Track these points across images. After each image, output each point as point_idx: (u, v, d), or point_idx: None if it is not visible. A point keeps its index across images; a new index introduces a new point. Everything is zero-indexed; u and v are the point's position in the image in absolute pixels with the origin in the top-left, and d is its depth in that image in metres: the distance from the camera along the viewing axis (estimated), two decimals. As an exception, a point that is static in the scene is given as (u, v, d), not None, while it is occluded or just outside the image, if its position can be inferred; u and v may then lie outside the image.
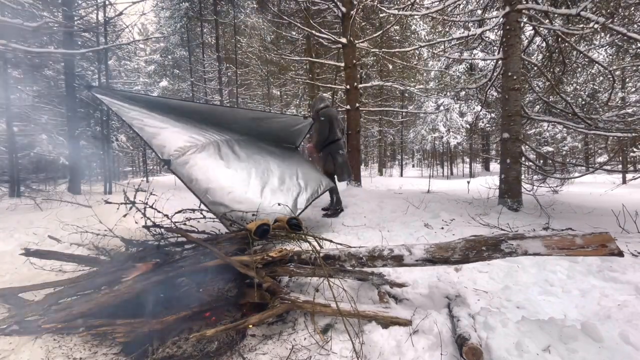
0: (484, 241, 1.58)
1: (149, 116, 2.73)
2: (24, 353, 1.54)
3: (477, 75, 9.31)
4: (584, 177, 8.01)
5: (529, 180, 5.08)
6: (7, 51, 4.19)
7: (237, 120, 3.48)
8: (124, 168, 24.19)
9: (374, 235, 3.15)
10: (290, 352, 1.55)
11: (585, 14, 3.63)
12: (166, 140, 2.72)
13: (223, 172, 3.00)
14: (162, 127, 2.77)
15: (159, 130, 2.72)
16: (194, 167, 2.80)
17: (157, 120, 2.78)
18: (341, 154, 4.21)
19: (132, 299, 1.77)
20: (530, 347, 1.32)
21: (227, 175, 3.00)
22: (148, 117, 2.72)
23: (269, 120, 3.84)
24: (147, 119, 2.70)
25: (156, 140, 2.67)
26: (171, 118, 2.92)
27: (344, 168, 4.19)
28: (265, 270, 1.92)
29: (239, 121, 3.48)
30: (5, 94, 6.70)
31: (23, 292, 1.86)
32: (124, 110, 2.59)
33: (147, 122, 2.68)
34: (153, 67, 19.33)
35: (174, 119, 2.93)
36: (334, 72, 11.00)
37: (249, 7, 14.46)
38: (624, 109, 6.96)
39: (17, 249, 2.53)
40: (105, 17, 8.65)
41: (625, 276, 2.06)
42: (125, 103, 2.63)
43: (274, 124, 3.83)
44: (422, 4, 6.85)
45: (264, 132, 3.79)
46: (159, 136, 2.70)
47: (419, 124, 19.21)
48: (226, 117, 3.35)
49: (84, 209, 4.16)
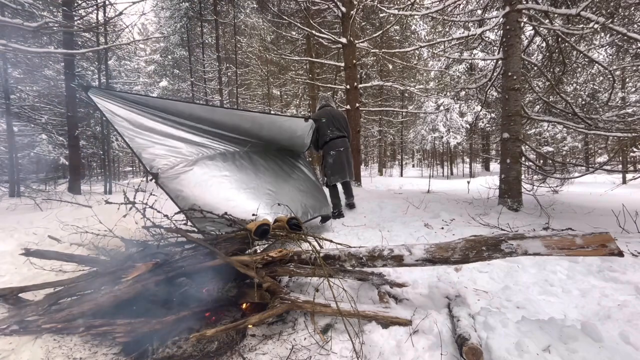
0: (484, 241, 1.58)
1: (141, 126, 2.66)
2: (24, 353, 1.53)
3: (477, 75, 9.31)
4: (584, 177, 8.01)
5: (529, 180, 5.08)
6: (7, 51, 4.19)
7: (238, 125, 3.26)
8: (124, 168, 24.21)
9: (374, 235, 3.15)
10: (290, 352, 1.55)
11: (585, 14, 3.63)
12: (156, 153, 2.68)
13: (212, 190, 2.93)
14: (154, 139, 2.71)
15: (149, 143, 2.67)
16: (182, 182, 2.78)
17: (150, 130, 2.70)
18: (332, 154, 4.05)
19: (132, 299, 1.77)
20: (530, 347, 1.32)
21: (215, 193, 2.93)
22: (140, 127, 2.65)
23: (271, 125, 3.51)
24: (139, 128, 2.64)
25: (145, 152, 2.63)
26: (165, 126, 2.81)
27: (333, 169, 4.06)
28: (265, 270, 1.92)
29: (240, 127, 3.27)
30: (5, 94, 6.70)
31: (23, 292, 1.86)
32: (117, 119, 2.51)
33: (138, 132, 2.63)
34: (153, 67, 19.34)
35: (168, 128, 2.83)
36: (334, 72, 11.01)
37: (249, 7, 14.47)
38: (624, 109, 6.97)
39: (17, 249, 2.53)
40: (105, 17, 8.66)
41: (625, 276, 2.06)
42: (119, 109, 2.54)
43: (275, 130, 3.53)
44: (422, 4, 6.87)
45: (266, 140, 3.58)
46: (149, 149, 2.66)
47: (419, 124, 19.23)
48: (226, 122, 3.16)
49: (84, 209, 4.16)
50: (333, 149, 4.06)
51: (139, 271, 1.82)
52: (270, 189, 3.37)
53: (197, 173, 2.92)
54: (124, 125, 2.56)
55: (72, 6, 7.11)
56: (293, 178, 3.81)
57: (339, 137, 4.10)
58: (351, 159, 4.22)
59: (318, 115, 4.13)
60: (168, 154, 2.78)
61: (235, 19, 13.81)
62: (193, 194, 2.79)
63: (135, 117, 2.63)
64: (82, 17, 8.26)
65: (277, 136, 3.61)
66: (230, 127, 3.21)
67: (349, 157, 4.17)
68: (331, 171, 4.07)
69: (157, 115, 2.75)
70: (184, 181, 2.80)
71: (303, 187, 3.78)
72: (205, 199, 2.80)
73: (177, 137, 2.88)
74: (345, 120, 4.27)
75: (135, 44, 17.89)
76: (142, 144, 2.63)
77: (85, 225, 2.93)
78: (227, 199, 2.95)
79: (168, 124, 2.83)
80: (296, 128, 3.67)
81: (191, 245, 2.15)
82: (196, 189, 2.83)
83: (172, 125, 2.85)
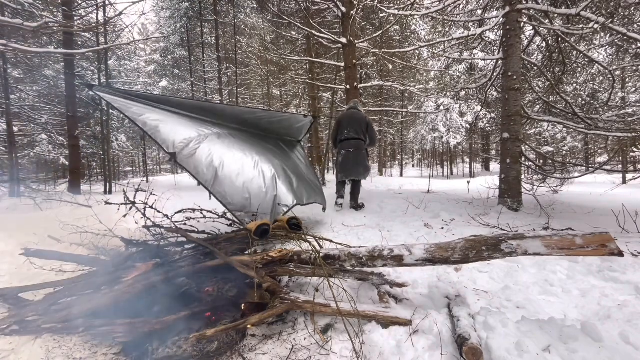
0: (484, 241, 1.58)
1: (150, 110, 2.75)
2: (24, 353, 1.53)
3: (477, 75, 9.30)
4: (584, 177, 8.01)
5: (529, 180, 5.08)
6: (7, 51, 4.19)
7: (238, 116, 3.51)
8: (124, 168, 24.21)
9: (374, 235, 3.15)
10: (290, 352, 1.55)
11: (585, 14, 3.63)
12: (170, 132, 2.75)
13: (229, 157, 3.06)
14: (165, 121, 2.79)
15: (161, 124, 2.74)
16: (201, 157, 2.85)
17: (159, 114, 2.80)
18: (342, 153, 4.39)
19: (132, 299, 1.77)
20: (530, 347, 1.32)
21: (233, 159, 3.08)
22: (150, 112, 2.74)
23: (270, 118, 3.86)
24: (149, 113, 2.72)
25: (160, 133, 2.69)
26: (173, 112, 2.95)
27: (340, 167, 4.44)
28: (265, 270, 1.92)
29: (239, 117, 3.51)
30: (5, 94, 6.70)
31: (23, 292, 1.86)
32: (127, 106, 2.61)
33: (149, 116, 2.70)
34: (153, 67, 19.32)
35: (176, 113, 2.96)
36: (334, 72, 10.99)
37: (249, 7, 14.45)
38: (624, 109, 6.97)
39: (17, 249, 2.53)
40: (105, 17, 8.65)
41: (625, 276, 2.06)
42: (126, 100, 2.64)
43: (275, 122, 3.84)
44: (422, 4, 6.86)
45: (266, 127, 3.82)
46: (163, 129, 2.72)
47: (419, 124, 19.22)
48: (227, 113, 3.39)
49: (84, 209, 4.16)
50: (343, 149, 4.40)
51: (139, 271, 1.82)
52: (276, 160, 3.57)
53: (213, 145, 3.02)
54: (135, 112, 2.63)
55: (72, 6, 7.11)
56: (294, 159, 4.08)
57: (352, 138, 4.36)
58: (361, 159, 4.37)
59: (339, 116, 4.62)
60: (181, 132, 2.85)
61: (235, 19, 13.80)
62: (214, 165, 2.88)
63: (143, 105, 2.74)
64: (82, 17, 8.25)
65: (276, 125, 3.88)
66: (230, 118, 3.42)
67: (357, 158, 4.35)
68: (338, 168, 4.48)
69: (161, 108, 2.87)
70: (201, 156, 2.87)
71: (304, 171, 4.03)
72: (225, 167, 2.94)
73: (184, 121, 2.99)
74: (366, 124, 4.43)
75: (135, 44, 17.88)
76: (155, 126, 2.69)
77: (85, 225, 2.93)
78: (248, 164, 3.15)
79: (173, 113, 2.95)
80: (295, 121, 3.96)
81: (191, 245, 2.16)
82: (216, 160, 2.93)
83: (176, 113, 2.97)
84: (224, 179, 2.87)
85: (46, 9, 7.20)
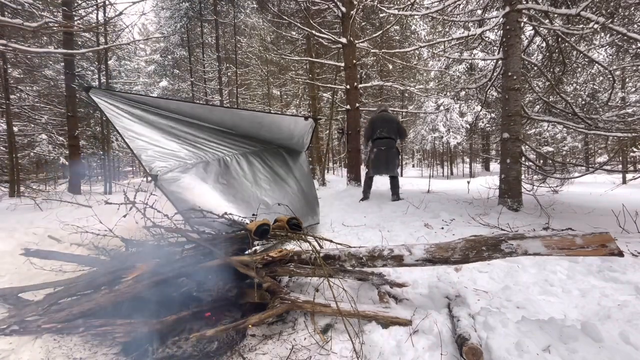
0: (484, 241, 1.58)
1: (142, 126, 2.69)
2: (24, 353, 1.53)
3: (477, 75, 9.30)
4: (584, 177, 8.01)
5: (529, 180, 5.08)
6: (7, 51, 4.19)
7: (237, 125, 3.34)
8: (124, 168, 24.20)
9: (374, 235, 3.15)
10: (290, 352, 1.55)
11: (585, 14, 3.63)
12: (155, 155, 2.73)
13: (208, 197, 2.98)
14: (153, 142, 2.75)
15: (149, 145, 2.71)
16: (181, 185, 2.83)
17: (150, 131, 2.74)
18: (374, 151, 4.96)
19: (132, 299, 1.77)
20: (530, 347, 1.32)
21: (212, 200, 2.98)
22: (141, 127, 2.68)
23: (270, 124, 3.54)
24: (140, 129, 2.67)
25: (145, 154, 2.67)
26: (166, 127, 2.86)
27: (372, 163, 5.01)
28: (265, 270, 1.92)
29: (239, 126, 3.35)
30: (5, 94, 6.70)
31: (23, 292, 1.86)
32: (118, 119, 2.55)
33: (139, 132, 2.66)
34: (153, 67, 19.31)
35: (169, 129, 2.87)
36: (334, 72, 11.00)
37: (249, 7, 14.46)
38: (624, 109, 6.97)
39: (17, 249, 2.53)
40: (105, 17, 8.66)
41: (625, 276, 2.06)
42: (120, 110, 2.57)
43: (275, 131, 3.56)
44: (422, 4, 6.85)
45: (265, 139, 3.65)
46: (149, 151, 2.70)
47: (419, 124, 19.20)
48: (225, 121, 3.23)
49: (84, 209, 4.16)
50: (376, 147, 4.97)
51: (139, 271, 1.82)
52: (266, 200, 3.44)
53: (195, 179, 2.98)
54: (124, 126, 2.60)
55: (72, 6, 7.11)
56: (289, 186, 3.83)
57: (385, 137, 4.93)
58: (392, 157, 4.98)
59: (372, 118, 5.18)
60: (167, 157, 2.83)
61: (235, 19, 13.81)
62: (192, 198, 2.84)
63: (135, 118, 2.67)
64: (82, 17, 8.26)
65: (277, 135, 3.64)
66: (230, 125, 3.28)
67: (389, 156, 4.96)
68: (371, 164, 5.05)
69: (158, 114, 2.78)
70: (183, 184, 2.86)
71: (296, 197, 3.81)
72: (202, 204, 2.81)
73: (176, 139, 2.92)
74: (397, 124, 5.05)
75: (135, 44, 17.88)
76: (142, 146, 2.67)
77: (85, 225, 2.93)
78: (221, 206, 2.97)
79: (168, 124, 2.85)
80: (295, 127, 3.66)
81: (191, 245, 2.15)
82: (194, 194, 2.89)
83: (172, 125, 2.88)
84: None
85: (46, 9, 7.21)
